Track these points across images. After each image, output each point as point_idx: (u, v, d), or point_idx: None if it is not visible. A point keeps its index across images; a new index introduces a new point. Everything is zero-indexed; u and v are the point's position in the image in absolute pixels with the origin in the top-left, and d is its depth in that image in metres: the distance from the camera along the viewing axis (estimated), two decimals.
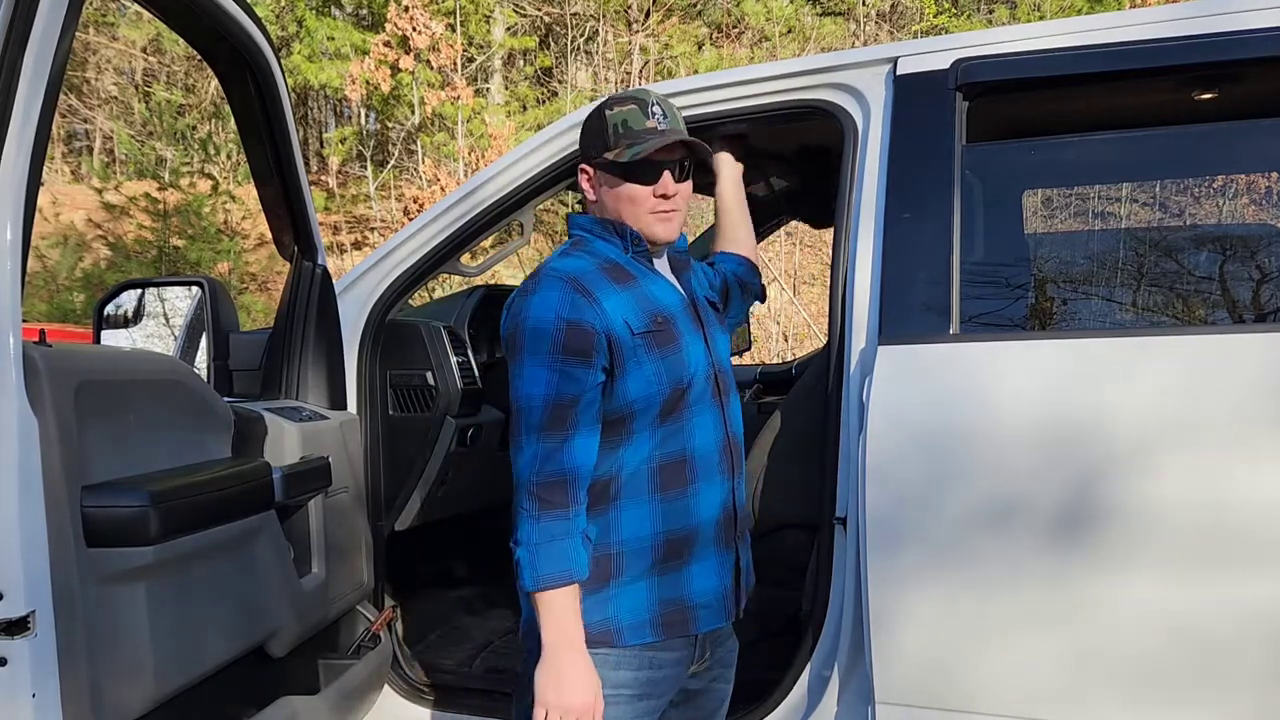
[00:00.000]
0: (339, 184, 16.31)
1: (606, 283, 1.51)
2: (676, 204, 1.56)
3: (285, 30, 16.23)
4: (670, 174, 1.54)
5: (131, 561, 1.35)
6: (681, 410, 1.52)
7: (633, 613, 1.50)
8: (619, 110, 1.56)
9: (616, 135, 1.54)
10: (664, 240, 1.57)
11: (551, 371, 1.44)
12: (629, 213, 1.55)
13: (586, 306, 1.46)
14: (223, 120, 11.64)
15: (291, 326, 2.12)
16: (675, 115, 1.58)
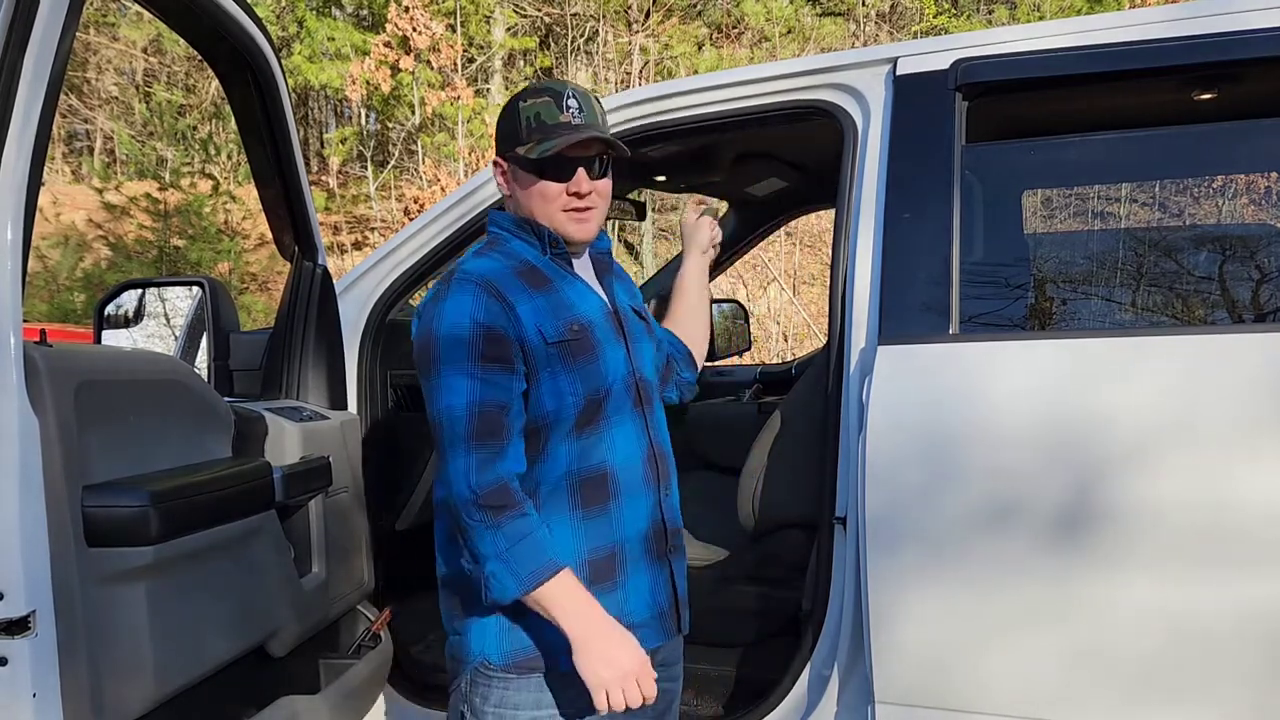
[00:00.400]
0: (339, 184, 16.31)
1: (521, 287, 1.44)
2: (592, 202, 1.48)
3: (286, 30, 16.24)
4: (585, 171, 1.46)
5: (132, 561, 1.35)
6: (599, 422, 1.45)
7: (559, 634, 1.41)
8: (532, 103, 1.46)
9: (529, 129, 1.45)
10: (579, 240, 1.50)
11: (472, 380, 1.37)
12: (541, 211, 1.48)
13: (500, 310, 1.39)
14: (223, 120, 11.65)
15: (292, 326, 2.12)
16: (594, 109, 1.48)
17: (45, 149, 1.27)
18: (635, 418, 1.51)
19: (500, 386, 1.38)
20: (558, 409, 1.43)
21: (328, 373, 2.16)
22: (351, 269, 2.39)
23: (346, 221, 15.47)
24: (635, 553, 1.50)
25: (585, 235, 1.50)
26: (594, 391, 1.44)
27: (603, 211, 1.52)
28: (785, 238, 13.27)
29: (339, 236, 14.66)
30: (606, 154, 1.49)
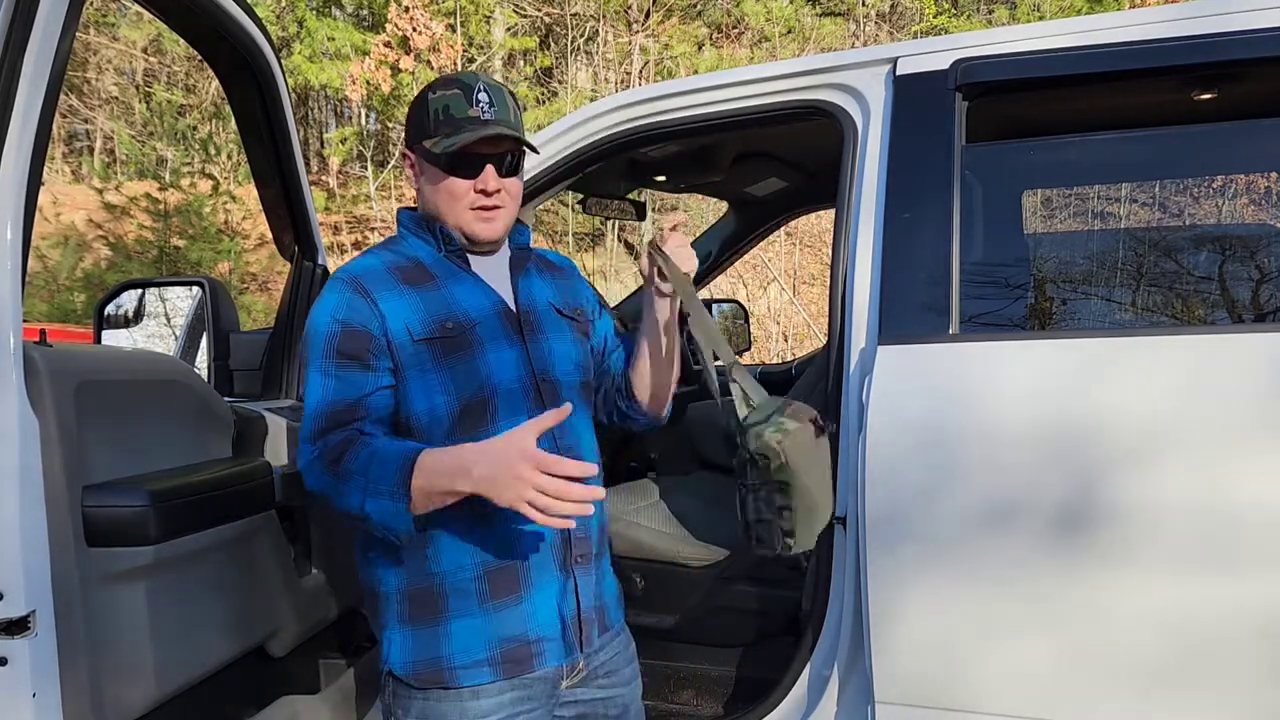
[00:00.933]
0: (339, 184, 16.32)
1: (394, 283, 1.41)
2: (500, 200, 1.43)
3: (286, 30, 16.25)
4: (494, 168, 1.41)
5: (132, 561, 1.35)
6: (487, 425, 1.38)
7: (466, 652, 1.40)
8: (441, 94, 1.42)
9: (436, 122, 1.41)
10: (485, 239, 1.45)
11: (326, 377, 1.37)
12: (447, 208, 1.43)
13: (363, 307, 1.38)
14: (223, 120, 11.66)
15: (292, 326, 2.12)
16: (506, 103, 1.43)
17: (45, 149, 1.27)
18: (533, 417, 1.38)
19: (352, 384, 1.37)
20: (429, 409, 1.38)
21: None
22: None
23: (346, 221, 15.47)
24: (538, 563, 1.42)
25: (491, 234, 1.46)
26: (471, 393, 1.38)
27: (511, 210, 1.48)
28: (785, 238, 13.28)
29: (339, 236, 14.67)
30: (516, 151, 1.45)
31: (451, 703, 1.40)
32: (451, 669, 1.40)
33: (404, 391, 1.40)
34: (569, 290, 1.60)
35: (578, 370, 1.53)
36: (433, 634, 1.41)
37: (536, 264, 1.59)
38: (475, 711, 1.40)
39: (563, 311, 1.55)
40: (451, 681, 1.40)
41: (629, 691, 1.58)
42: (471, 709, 1.40)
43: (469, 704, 1.40)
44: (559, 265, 1.65)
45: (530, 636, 1.42)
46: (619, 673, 1.56)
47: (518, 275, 1.52)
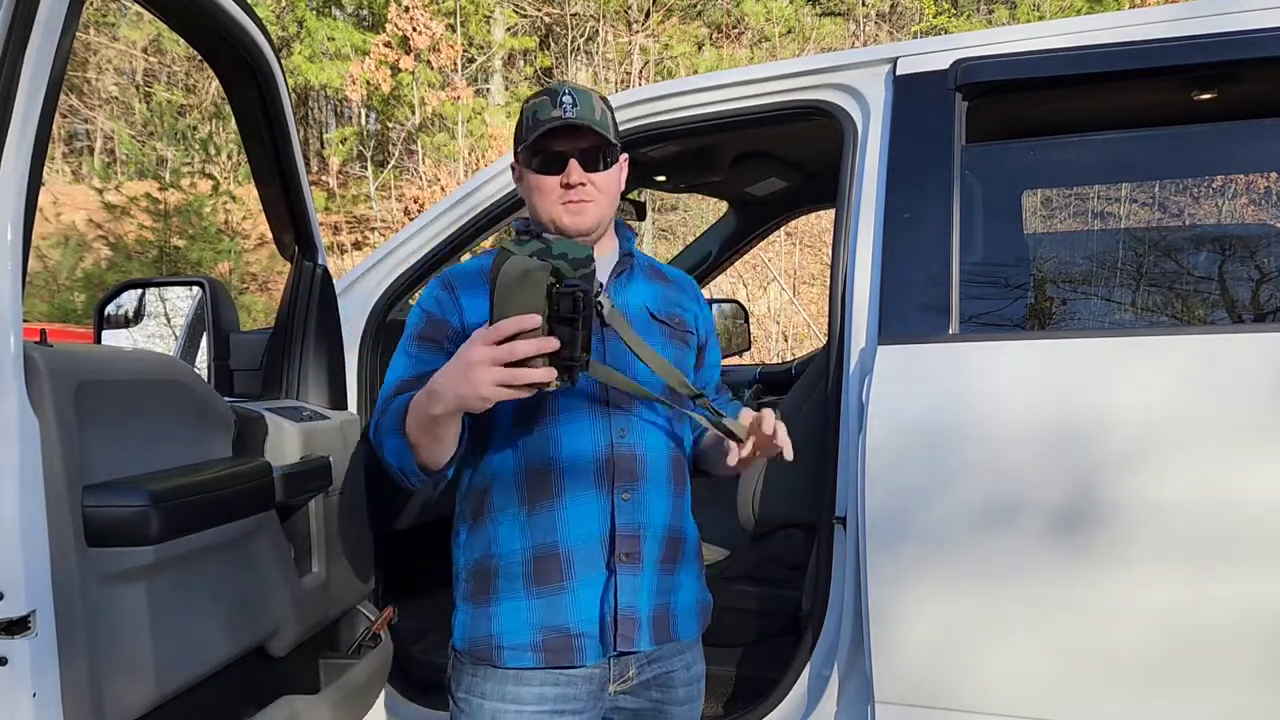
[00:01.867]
0: (339, 184, 16.32)
1: (480, 284, 1.50)
2: (586, 194, 1.49)
3: (286, 30, 16.25)
4: (578, 163, 1.48)
5: (132, 561, 1.35)
6: (545, 417, 1.45)
7: (511, 633, 1.47)
8: (533, 102, 1.51)
9: (526, 127, 1.50)
10: (575, 230, 1.50)
11: (408, 357, 1.53)
12: (540, 203, 1.51)
13: (447, 301, 1.53)
14: (223, 120, 11.67)
15: (292, 326, 2.12)
16: (591, 105, 1.49)
17: (45, 149, 1.27)
18: (594, 416, 1.47)
19: (425, 362, 1.49)
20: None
21: (328, 373, 2.16)
22: (351, 269, 2.39)
23: (346, 221, 15.48)
24: (582, 557, 1.46)
25: (579, 226, 1.50)
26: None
27: (603, 205, 1.52)
28: (785, 238, 13.28)
29: (339, 236, 14.67)
30: (604, 148, 1.50)
31: (495, 683, 1.47)
32: (499, 648, 1.47)
33: None
34: (671, 299, 1.62)
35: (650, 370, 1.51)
36: (485, 612, 1.49)
37: (644, 271, 1.63)
38: (516, 696, 1.46)
39: (656, 315, 1.58)
40: (497, 660, 1.47)
41: (681, 712, 1.58)
42: (513, 692, 1.46)
43: (511, 687, 1.47)
44: (671, 277, 1.67)
45: (571, 629, 1.45)
46: (674, 690, 1.56)
47: (614, 277, 1.57)
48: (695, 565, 1.61)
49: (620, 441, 1.48)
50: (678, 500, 1.55)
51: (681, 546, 1.56)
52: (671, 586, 1.54)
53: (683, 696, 1.58)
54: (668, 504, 1.52)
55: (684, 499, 1.58)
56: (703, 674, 1.63)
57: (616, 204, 1.58)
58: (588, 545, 1.46)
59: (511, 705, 1.47)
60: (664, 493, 1.52)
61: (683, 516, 1.57)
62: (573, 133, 1.47)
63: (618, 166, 1.55)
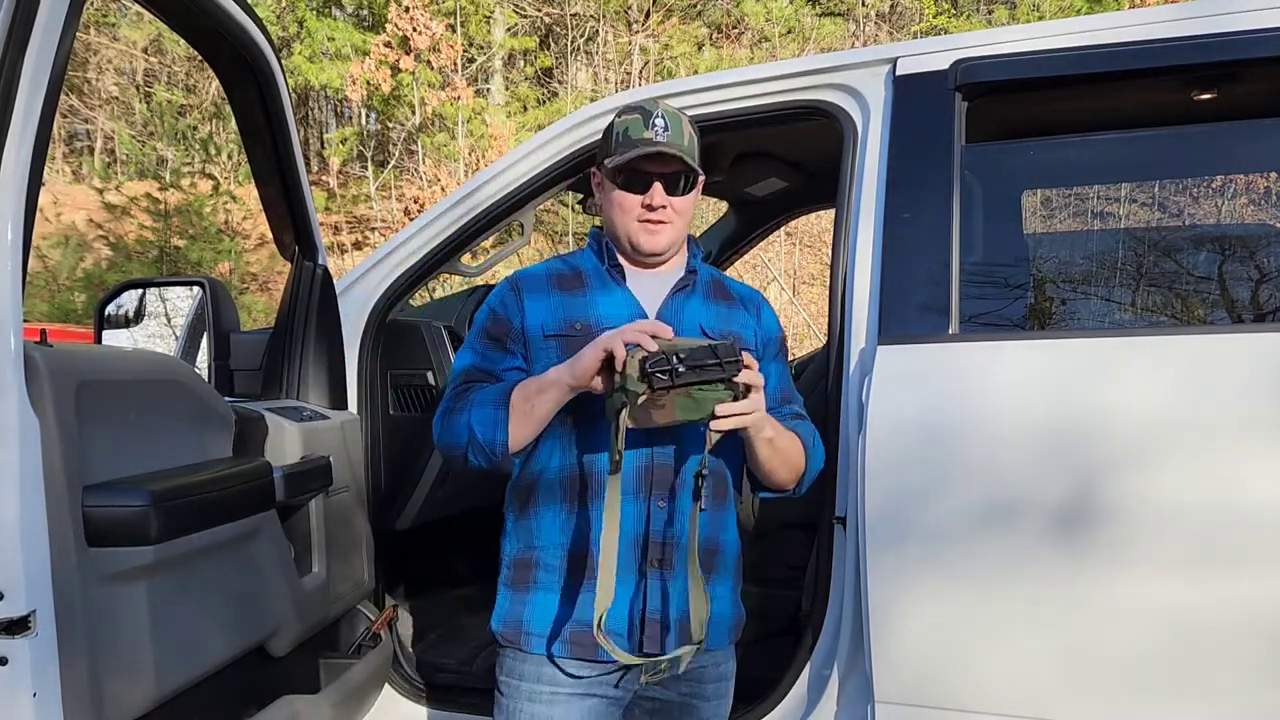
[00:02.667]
0: (339, 184, 16.32)
1: (546, 288, 1.60)
2: (665, 216, 1.56)
3: (286, 31, 16.26)
4: (661, 186, 1.54)
5: (132, 561, 1.35)
6: (590, 422, 1.51)
7: (542, 621, 1.53)
8: (625, 118, 1.57)
9: (616, 143, 1.56)
10: (649, 250, 1.57)
11: (474, 352, 1.61)
12: (618, 219, 1.58)
13: (512, 303, 1.59)
14: (223, 120, 11.66)
15: (292, 326, 2.12)
16: (681, 130, 1.56)
17: (45, 149, 1.27)
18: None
19: (490, 359, 1.59)
20: None
21: (328, 373, 2.16)
22: (352, 269, 2.39)
23: (346, 221, 15.48)
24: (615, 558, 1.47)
25: (655, 246, 1.57)
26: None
27: (678, 227, 1.58)
28: (785, 238, 13.28)
29: (339, 236, 14.67)
30: (688, 174, 1.56)
31: (533, 665, 1.54)
32: (528, 634, 1.54)
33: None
34: (729, 318, 1.64)
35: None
36: (521, 599, 1.57)
37: (707, 289, 1.66)
38: (552, 678, 1.53)
39: (709, 334, 1.59)
40: (525, 645, 1.54)
41: (709, 707, 1.63)
42: (548, 674, 1.53)
43: (546, 669, 1.53)
44: (735, 295, 1.68)
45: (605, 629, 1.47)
46: (703, 685, 1.61)
47: (674, 294, 1.61)
48: (731, 580, 1.63)
49: (659, 452, 1.52)
50: (717, 515, 1.58)
51: (717, 559, 1.60)
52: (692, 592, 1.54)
53: (710, 693, 1.62)
54: (705, 518, 1.54)
55: (725, 514, 1.61)
56: (732, 673, 1.67)
57: (689, 224, 1.63)
58: (622, 548, 1.49)
59: (546, 686, 1.53)
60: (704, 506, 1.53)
61: (720, 531, 1.60)
62: (662, 157, 1.53)
63: (696, 189, 1.61)
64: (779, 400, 1.68)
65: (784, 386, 1.69)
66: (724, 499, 1.60)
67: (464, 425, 1.52)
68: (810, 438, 1.64)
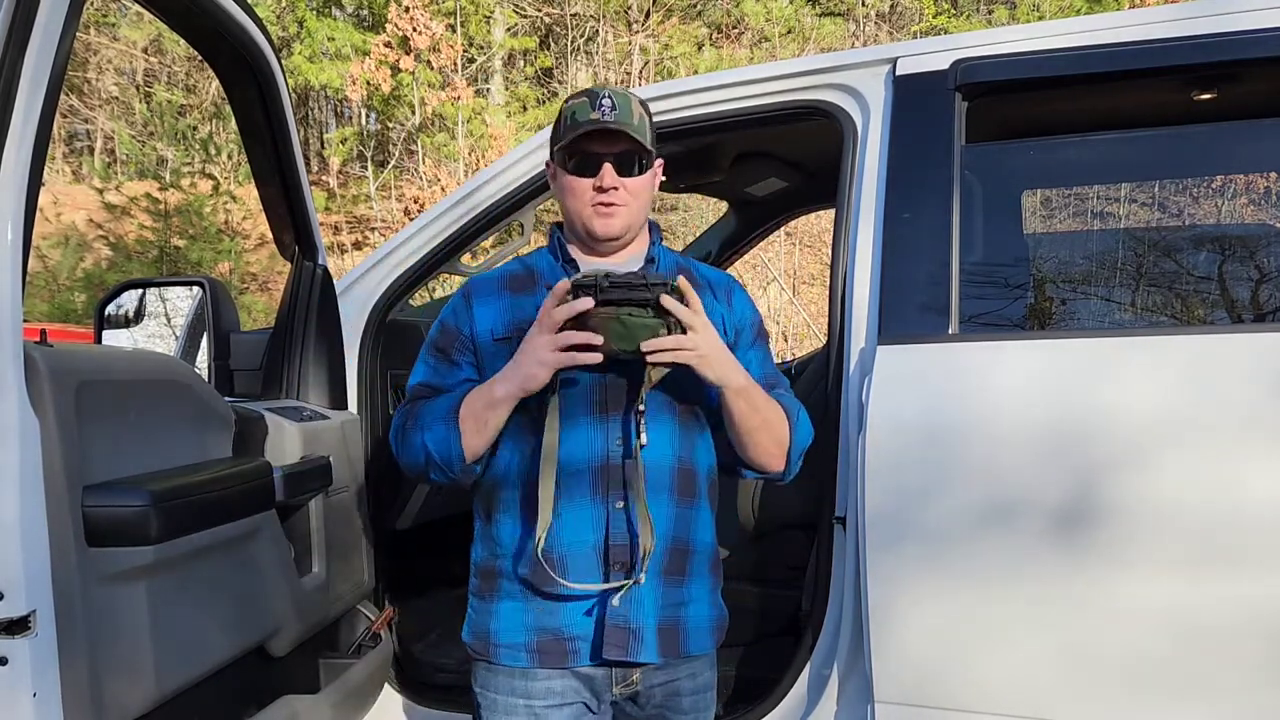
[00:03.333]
0: (339, 184, 16.32)
1: (496, 291, 1.57)
2: (619, 199, 1.49)
3: (286, 31, 16.26)
4: (612, 167, 1.48)
5: (132, 561, 1.35)
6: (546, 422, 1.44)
7: (509, 633, 1.50)
8: (572, 103, 1.51)
9: (564, 127, 1.50)
10: (603, 235, 1.51)
11: (425, 366, 1.59)
12: (571, 205, 1.52)
13: (462, 310, 1.57)
14: (223, 120, 11.66)
15: (292, 326, 2.12)
16: (630, 109, 1.48)
17: (45, 149, 1.27)
18: (593, 424, 1.46)
19: (440, 373, 1.56)
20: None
21: (328, 373, 2.16)
22: (352, 269, 2.39)
23: (346, 221, 15.48)
24: (577, 564, 1.46)
25: (609, 230, 1.51)
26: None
27: (634, 209, 1.52)
28: (785, 238, 13.28)
29: (339, 236, 14.67)
30: (639, 153, 1.50)
31: (505, 677, 1.51)
32: (496, 645, 1.51)
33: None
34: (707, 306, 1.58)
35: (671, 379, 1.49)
36: (488, 609, 1.54)
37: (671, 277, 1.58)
38: (525, 690, 1.50)
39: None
40: (494, 658, 1.51)
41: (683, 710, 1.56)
42: (521, 687, 1.50)
43: (519, 682, 1.50)
44: (703, 281, 1.61)
45: (565, 633, 1.47)
46: (679, 699, 1.54)
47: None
48: (709, 579, 1.57)
49: (617, 450, 1.47)
50: (684, 511, 1.52)
51: (690, 559, 1.53)
52: (681, 600, 1.52)
53: (687, 706, 1.56)
54: (670, 515, 1.49)
55: (694, 510, 1.54)
56: (711, 684, 1.61)
57: (648, 209, 1.58)
58: (583, 553, 1.46)
59: (521, 700, 1.50)
60: (665, 503, 1.49)
61: (691, 528, 1.53)
62: (609, 136, 1.47)
63: (652, 172, 1.55)
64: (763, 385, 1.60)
65: (767, 372, 1.61)
66: (693, 495, 1.53)
67: (420, 445, 1.49)
68: (795, 410, 1.56)
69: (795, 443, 1.55)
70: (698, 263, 1.69)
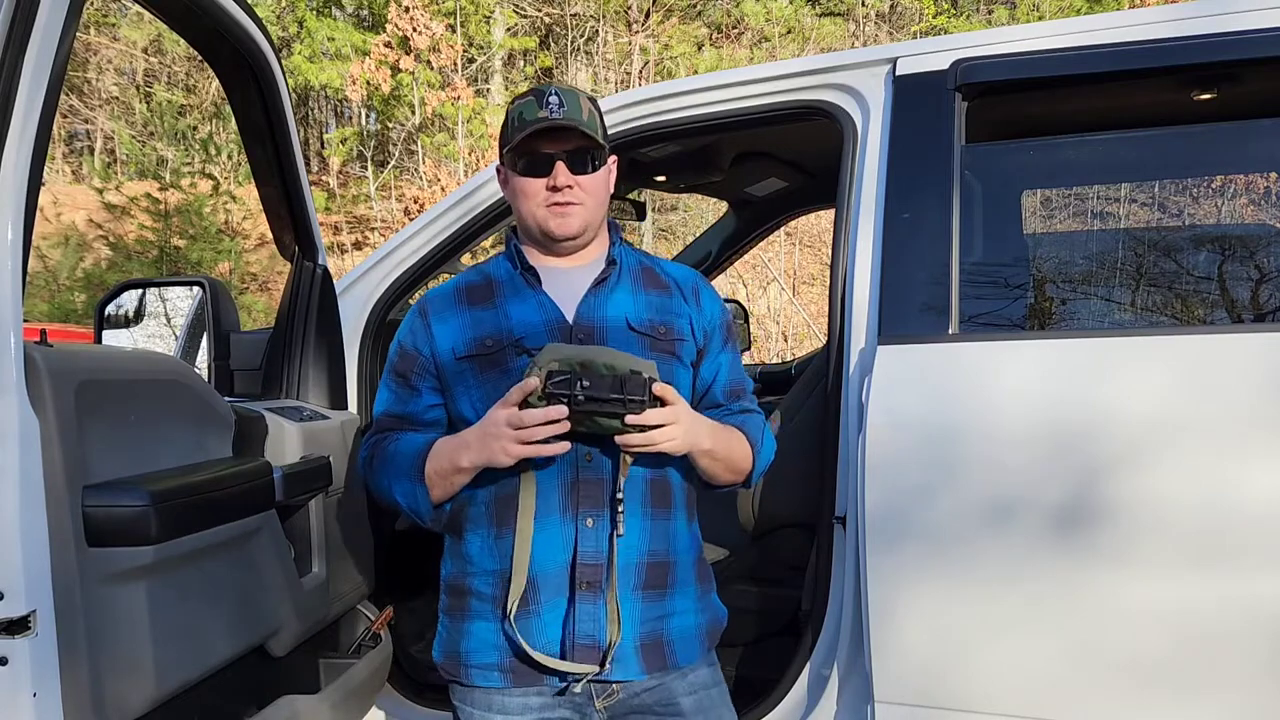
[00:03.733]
0: (339, 184, 16.32)
1: (454, 306, 1.53)
2: (574, 197, 1.45)
3: (286, 31, 16.26)
4: (564, 165, 1.44)
5: (132, 561, 1.35)
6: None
7: (480, 653, 1.47)
8: (518, 103, 1.47)
9: (512, 128, 1.46)
10: (560, 235, 1.48)
11: (389, 391, 1.57)
12: (525, 208, 1.49)
13: (420, 330, 1.53)
14: (224, 121, 11.67)
15: (292, 326, 2.12)
16: (579, 105, 1.45)
17: (45, 149, 1.27)
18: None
19: (402, 399, 1.55)
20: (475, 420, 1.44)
21: (328, 373, 2.16)
22: (352, 269, 2.39)
23: (347, 221, 15.48)
24: (546, 583, 1.43)
25: (565, 230, 1.48)
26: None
27: (590, 208, 1.48)
28: (785, 238, 13.28)
29: (339, 236, 14.67)
30: (591, 149, 1.47)
31: (480, 695, 1.48)
32: (467, 666, 1.48)
33: (453, 405, 1.52)
34: (660, 306, 1.54)
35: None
36: (458, 629, 1.51)
37: (635, 277, 1.55)
38: (503, 706, 1.47)
39: (635, 327, 1.50)
40: (465, 679, 1.48)
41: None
42: (499, 702, 1.47)
43: (496, 697, 1.47)
44: (666, 279, 1.58)
45: (535, 654, 1.42)
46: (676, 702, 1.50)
47: (595, 290, 1.51)
48: (694, 588, 1.54)
49: (586, 466, 1.43)
50: (660, 525, 1.48)
51: (670, 571, 1.50)
52: (664, 612, 1.50)
53: (688, 707, 1.50)
54: (644, 529, 1.46)
55: (671, 522, 1.50)
56: (713, 680, 1.56)
57: (605, 207, 1.54)
58: (553, 571, 1.43)
59: (497, 715, 1.47)
60: (639, 516, 1.46)
61: (669, 540, 1.50)
62: (559, 134, 1.44)
63: (606, 169, 1.52)
64: (729, 395, 1.59)
65: (734, 378, 1.59)
66: (667, 507, 1.49)
67: (388, 491, 1.50)
68: (758, 432, 1.55)
69: (756, 467, 1.57)
70: (661, 260, 1.65)
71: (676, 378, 1.50)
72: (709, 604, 1.58)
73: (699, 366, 1.57)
